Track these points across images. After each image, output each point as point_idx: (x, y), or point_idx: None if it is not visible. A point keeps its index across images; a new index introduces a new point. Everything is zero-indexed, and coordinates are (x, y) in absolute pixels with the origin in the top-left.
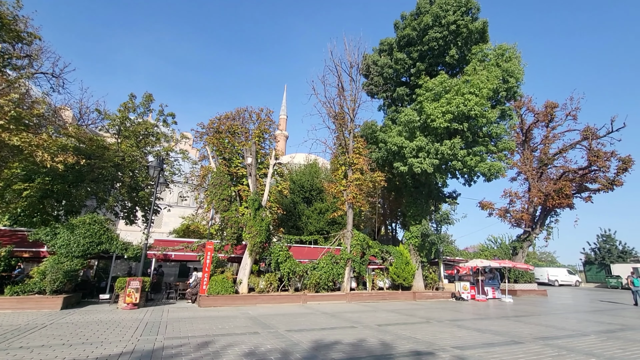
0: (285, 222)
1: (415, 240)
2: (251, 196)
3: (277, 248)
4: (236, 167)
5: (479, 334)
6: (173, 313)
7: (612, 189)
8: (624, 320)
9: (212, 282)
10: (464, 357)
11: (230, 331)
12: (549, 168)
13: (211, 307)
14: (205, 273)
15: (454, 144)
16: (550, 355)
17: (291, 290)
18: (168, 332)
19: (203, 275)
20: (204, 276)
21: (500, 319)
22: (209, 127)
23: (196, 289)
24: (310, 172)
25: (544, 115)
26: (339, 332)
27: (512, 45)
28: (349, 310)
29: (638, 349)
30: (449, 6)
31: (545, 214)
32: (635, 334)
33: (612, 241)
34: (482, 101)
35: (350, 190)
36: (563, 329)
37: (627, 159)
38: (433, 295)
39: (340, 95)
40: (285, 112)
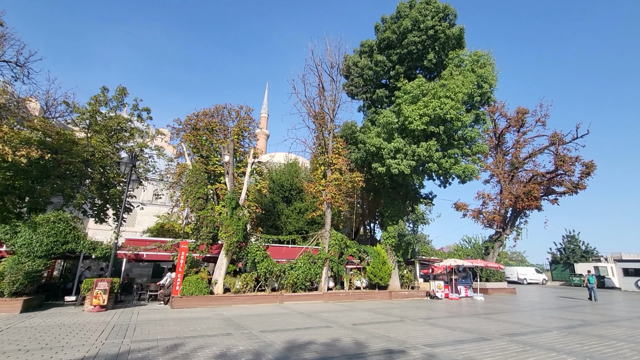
0: (264, 221)
1: (392, 240)
2: (228, 195)
3: (254, 248)
4: (214, 165)
5: (449, 332)
6: (143, 315)
7: (577, 192)
8: (584, 317)
9: (185, 282)
10: (434, 354)
11: (202, 333)
12: (519, 171)
13: (184, 309)
14: (179, 273)
15: (430, 146)
16: (515, 351)
17: (268, 291)
18: (136, 335)
19: (176, 276)
20: (177, 276)
21: (471, 316)
22: (186, 124)
23: (169, 290)
24: (290, 172)
25: (515, 120)
26: (313, 332)
27: (486, 52)
28: (326, 310)
29: (595, 343)
30: (427, 11)
31: (515, 215)
32: (592, 329)
33: (576, 241)
34: (457, 105)
35: (329, 190)
36: (528, 326)
37: (590, 164)
38: (409, 294)
39: (321, 95)
40: (266, 110)
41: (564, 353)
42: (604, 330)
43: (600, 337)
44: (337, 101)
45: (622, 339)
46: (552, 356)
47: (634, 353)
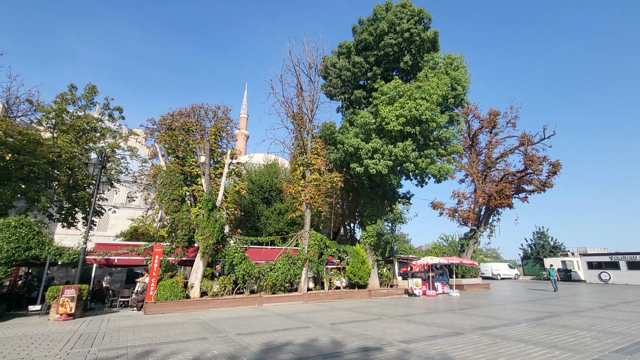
0: (244, 223)
1: (371, 239)
2: (204, 196)
3: (232, 250)
4: (190, 167)
5: (425, 328)
6: (114, 322)
7: (544, 190)
8: (551, 308)
9: (160, 287)
10: (409, 350)
11: (175, 338)
12: (492, 171)
13: (158, 314)
14: (153, 278)
15: (406, 147)
16: (486, 343)
17: (246, 293)
18: (105, 343)
19: (150, 280)
20: (150, 281)
21: (446, 312)
22: (160, 124)
23: (142, 296)
24: (269, 172)
25: (488, 122)
26: (291, 333)
27: (459, 56)
28: (305, 311)
29: (560, 333)
30: (403, 14)
31: (488, 213)
32: (558, 320)
33: (545, 238)
34: (432, 106)
35: (308, 190)
36: (500, 319)
37: (556, 163)
38: (387, 292)
39: (299, 95)
40: (246, 111)
41: (531, 344)
42: (569, 320)
43: (565, 327)
44: (316, 102)
45: (585, 329)
46: (520, 347)
47: (594, 341)
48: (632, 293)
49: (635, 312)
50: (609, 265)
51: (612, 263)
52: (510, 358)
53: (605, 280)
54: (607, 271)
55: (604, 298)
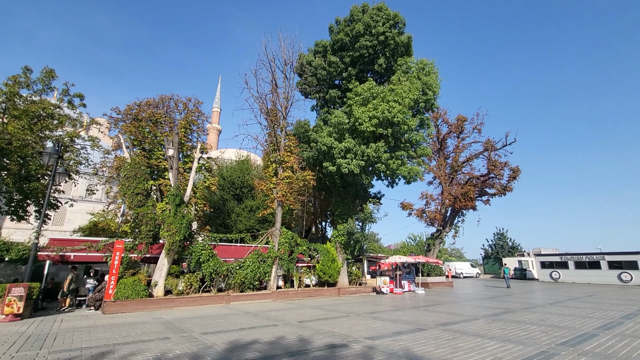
0: (214, 219)
1: (342, 238)
2: (172, 191)
3: (199, 247)
4: (157, 160)
5: (391, 324)
6: (68, 323)
7: (505, 193)
8: (507, 305)
9: (120, 285)
10: (374, 346)
11: (136, 339)
12: (458, 174)
13: (118, 314)
14: (113, 275)
15: (378, 148)
16: (447, 338)
17: (214, 291)
18: (56, 345)
19: (110, 278)
20: (110, 279)
21: (411, 309)
22: (126, 114)
23: (100, 295)
24: (241, 169)
25: (455, 127)
26: (258, 332)
27: (431, 62)
28: (274, 309)
29: (513, 328)
30: (379, 17)
31: (454, 214)
32: (512, 316)
33: (504, 238)
34: (404, 109)
35: (280, 188)
36: (460, 315)
37: (516, 169)
38: (356, 290)
39: (274, 91)
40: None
41: (487, 338)
42: (522, 316)
43: (518, 323)
44: (290, 99)
45: (535, 323)
46: (477, 342)
47: (543, 335)
48: (578, 290)
49: (579, 308)
50: (559, 265)
51: (562, 263)
52: (467, 352)
53: (556, 279)
54: (558, 270)
55: (553, 295)
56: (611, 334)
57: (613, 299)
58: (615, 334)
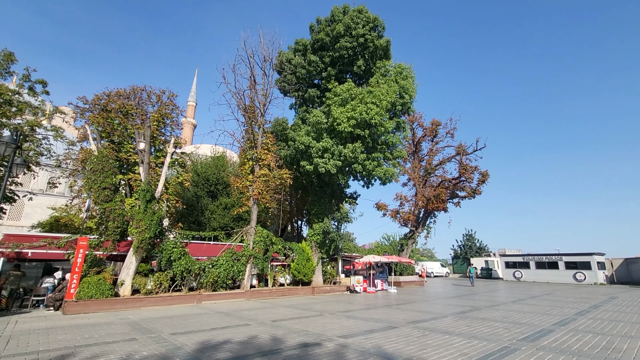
0: (186, 217)
1: (318, 237)
2: (142, 186)
3: (170, 245)
4: (127, 153)
5: (363, 323)
6: (24, 324)
7: (474, 196)
8: (474, 303)
9: (83, 284)
10: (347, 344)
11: (99, 340)
12: (431, 177)
13: (80, 314)
14: (75, 274)
15: (356, 148)
16: (417, 336)
17: (185, 290)
18: (9, 348)
19: (72, 277)
20: (72, 277)
21: (384, 307)
22: (94, 104)
23: (61, 294)
24: (216, 165)
25: (430, 131)
26: (230, 331)
27: (408, 66)
28: (247, 308)
29: (479, 325)
30: (359, 19)
31: (426, 215)
32: (478, 313)
33: (472, 239)
34: (382, 112)
35: (257, 186)
36: (430, 313)
37: (485, 173)
38: (330, 289)
39: (252, 88)
40: (194, 98)
41: (455, 335)
42: (487, 313)
43: (483, 320)
44: (269, 96)
45: (499, 320)
46: (445, 338)
47: (505, 331)
48: (538, 289)
49: (538, 305)
50: (521, 265)
51: (524, 263)
52: (436, 348)
53: (518, 278)
54: (520, 270)
55: (515, 293)
56: (566, 329)
57: (569, 297)
58: (569, 329)
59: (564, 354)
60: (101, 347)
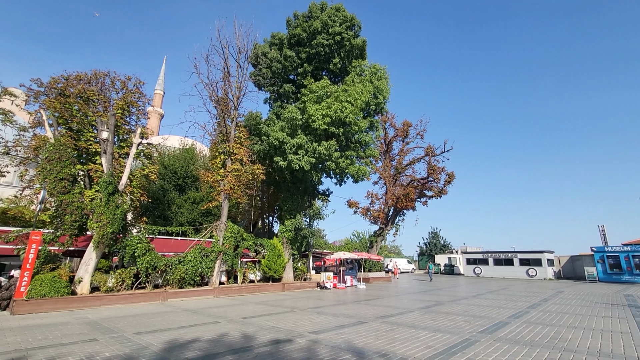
0: (152, 211)
1: (289, 233)
2: (104, 178)
3: (134, 240)
4: (87, 142)
5: (334, 318)
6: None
7: (441, 196)
8: (438, 298)
9: (36, 282)
10: (318, 340)
11: (55, 341)
12: (401, 176)
13: (32, 314)
14: (27, 271)
15: (330, 146)
16: (385, 330)
17: (149, 288)
18: None
19: (22, 274)
20: (23, 274)
21: (353, 303)
22: (50, 87)
23: (9, 293)
24: (185, 158)
25: (401, 131)
26: (199, 329)
27: (383, 67)
28: (215, 305)
29: (442, 318)
30: (336, 17)
31: (395, 213)
32: (442, 308)
33: (437, 237)
34: (356, 111)
35: (228, 180)
36: (397, 308)
37: (451, 174)
38: (301, 285)
39: (226, 80)
40: (162, 87)
41: (420, 329)
42: (449, 308)
43: (447, 314)
44: (243, 89)
45: (460, 314)
46: (412, 332)
47: (466, 324)
48: (495, 284)
49: (496, 300)
50: (481, 262)
51: (483, 260)
52: (403, 342)
53: (478, 274)
54: (480, 266)
55: (475, 288)
56: (520, 321)
57: (522, 291)
58: (523, 321)
59: (518, 344)
60: (57, 349)
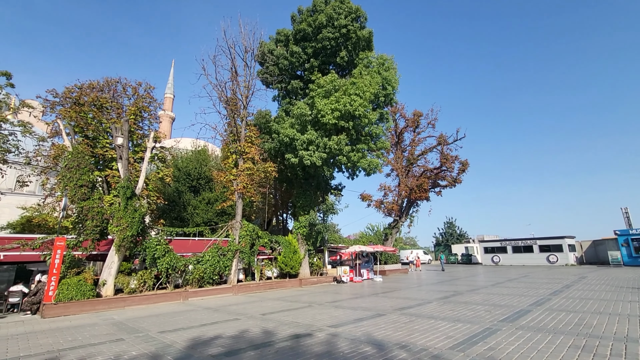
0: (168, 213)
1: (304, 229)
2: (122, 183)
3: (153, 242)
4: (103, 149)
5: (352, 312)
6: (0, 330)
7: (455, 185)
8: (456, 288)
9: (62, 286)
10: (337, 333)
11: (84, 342)
12: (414, 167)
13: (60, 317)
14: (54, 275)
15: (340, 140)
16: (404, 322)
17: (170, 288)
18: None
19: (49, 279)
20: (50, 279)
21: (371, 296)
22: (64, 97)
23: (38, 297)
24: (198, 159)
25: (412, 121)
26: (220, 327)
27: (390, 57)
28: (235, 303)
29: (462, 308)
30: (341, 10)
31: (409, 205)
32: (461, 298)
33: (453, 227)
34: (365, 103)
35: (241, 179)
36: (415, 299)
37: (465, 162)
38: (317, 280)
39: (234, 79)
40: (172, 91)
41: (440, 319)
42: (469, 297)
43: (466, 304)
44: (251, 88)
45: (480, 303)
46: (431, 323)
47: (487, 313)
48: (515, 272)
49: (516, 288)
50: (499, 250)
51: (501, 248)
52: (423, 333)
53: (496, 262)
54: (498, 255)
55: (494, 277)
56: (542, 309)
57: (543, 278)
58: (545, 309)
59: (541, 332)
60: (87, 349)
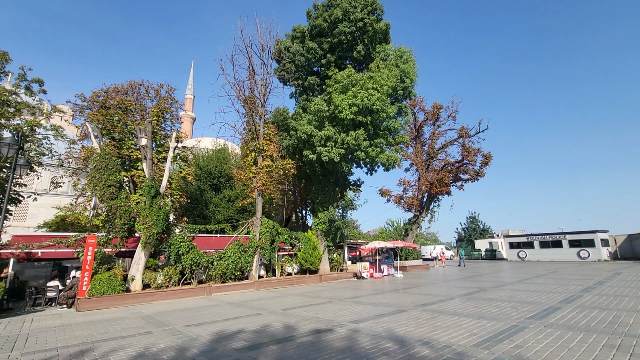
0: (191, 211)
1: (323, 226)
2: (146, 182)
3: (178, 239)
4: (129, 150)
5: (373, 307)
6: (39, 322)
7: (477, 179)
8: (480, 284)
9: (95, 281)
10: (358, 329)
11: (116, 335)
12: (434, 161)
13: (93, 311)
14: (86, 271)
15: (358, 135)
16: (426, 318)
17: (194, 283)
18: (29, 345)
19: (83, 274)
20: (83, 275)
21: (391, 292)
22: (92, 101)
23: (73, 292)
24: (218, 158)
25: (432, 114)
26: (243, 321)
27: (409, 49)
28: (257, 298)
29: (486, 305)
30: (357, 3)
31: (430, 200)
32: (485, 294)
33: (476, 222)
34: (383, 97)
35: (260, 177)
36: (437, 296)
37: (488, 155)
38: (337, 276)
39: (251, 78)
40: (192, 91)
41: (463, 316)
42: (493, 294)
43: (490, 300)
44: (269, 86)
45: (506, 300)
46: (454, 320)
47: (513, 310)
48: (542, 268)
49: (544, 284)
50: (525, 245)
51: (528, 243)
52: (446, 329)
53: (522, 258)
54: (524, 250)
55: (520, 273)
56: (572, 306)
57: (573, 274)
58: (575, 306)
59: (572, 330)
60: (118, 342)
